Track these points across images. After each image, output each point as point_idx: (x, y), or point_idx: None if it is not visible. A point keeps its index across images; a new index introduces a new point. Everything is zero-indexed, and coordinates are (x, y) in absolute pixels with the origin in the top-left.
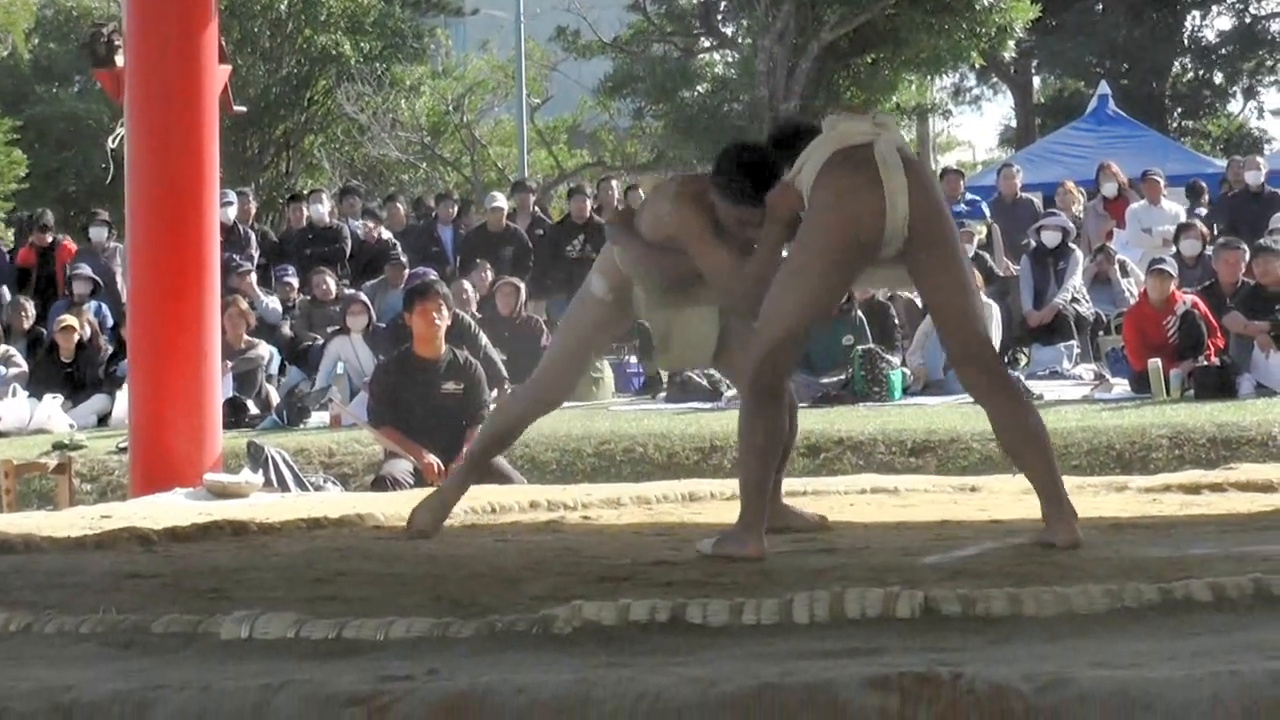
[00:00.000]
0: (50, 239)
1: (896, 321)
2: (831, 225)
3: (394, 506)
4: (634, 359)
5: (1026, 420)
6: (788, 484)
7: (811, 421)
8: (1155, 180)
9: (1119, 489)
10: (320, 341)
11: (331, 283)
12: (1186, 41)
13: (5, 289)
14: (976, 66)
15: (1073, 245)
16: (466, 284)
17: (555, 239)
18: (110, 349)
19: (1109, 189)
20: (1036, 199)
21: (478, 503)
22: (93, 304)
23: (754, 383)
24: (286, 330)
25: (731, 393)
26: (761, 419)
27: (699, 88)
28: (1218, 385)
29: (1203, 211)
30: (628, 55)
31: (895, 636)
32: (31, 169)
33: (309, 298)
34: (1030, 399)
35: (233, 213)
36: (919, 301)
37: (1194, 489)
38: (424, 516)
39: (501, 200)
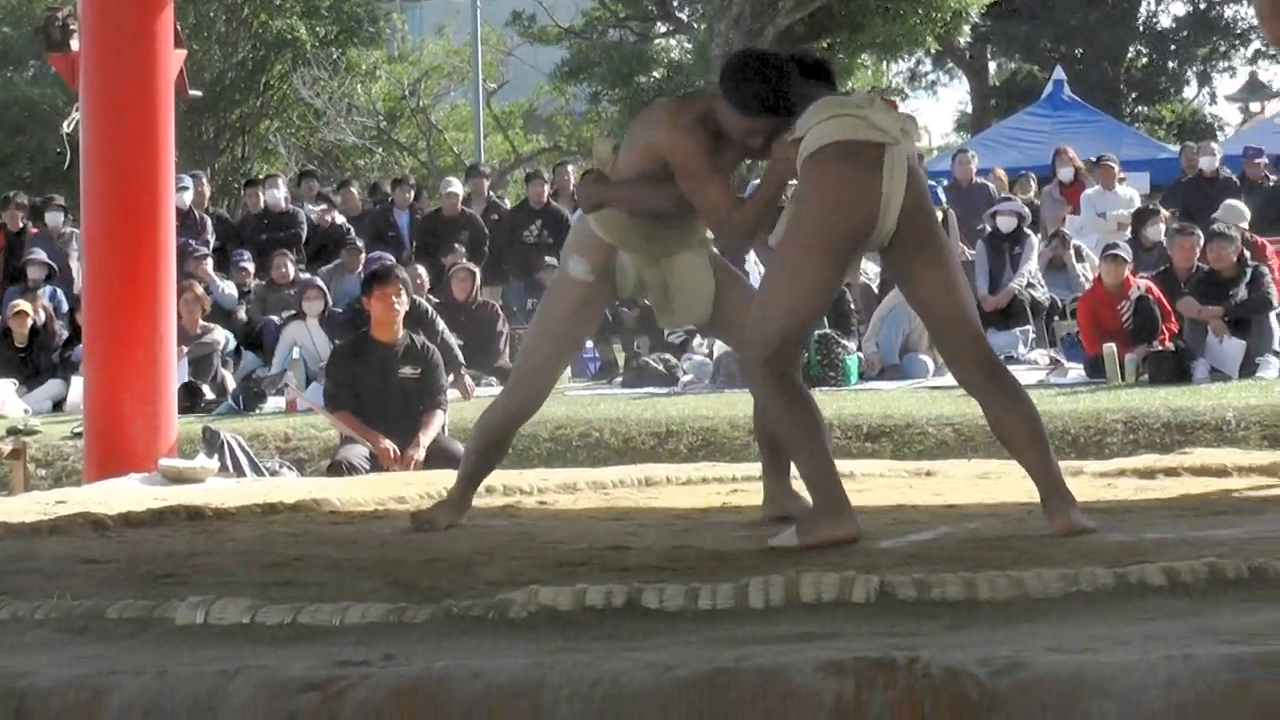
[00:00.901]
0: (21, 223)
1: (853, 307)
2: (831, 217)
3: (350, 492)
4: (589, 344)
5: (1020, 412)
6: (742, 469)
7: None
8: (1110, 165)
9: (1074, 474)
10: (276, 325)
11: (290, 266)
12: (1141, 27)
13: None
14: (932, 51)
15: (1028, 230)
16: (421, 269)
17: (511, 224)
18: (65, 334)
19: (1065, 174)
20: (992, 184)
21: (433, 488)
22: (48, 289)
23: (767, 379)
24: (242, 315)
25: (688, 378)
26: (793, 407)
27: (655, 73)
28: (1172, 370)
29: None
30: (584, 40)
31: (850, 621)
32: None
33: (264, 282)
34: (1023, 390)
35: (188, 197)
36: (875, 287)
37: (1149, 474)
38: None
39: (457, 185)
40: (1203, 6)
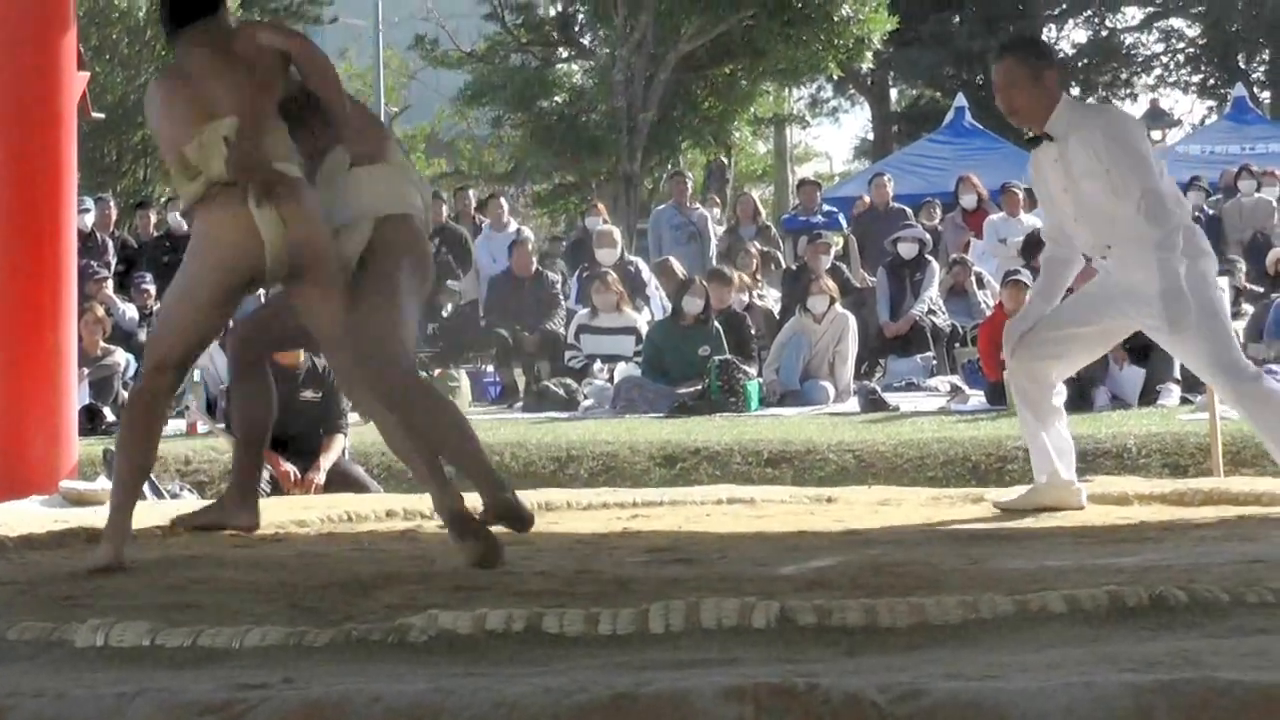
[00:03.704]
0: None
1: (753, 332)
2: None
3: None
4: (490, 368)
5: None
6: (643, 494)
7: (668, 431)
8: (1015, 193)
9: (975, 500)
10: None
11: None
12: None
13: None
14: (834, 78)
15: (929, 257)
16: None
17: None
18: None
19: (968, 201)
20: (908, 209)
21: (334, 511)
22: None
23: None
24: (143, 338)
25: (589, 403)
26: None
27: (557, 97)
28: (1073, 397)
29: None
30: (486, 65)
31: (751, 647)
32: None
33: None
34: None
35: (90, 220)
36: (775, 313)
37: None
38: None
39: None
40: (1104, 34)
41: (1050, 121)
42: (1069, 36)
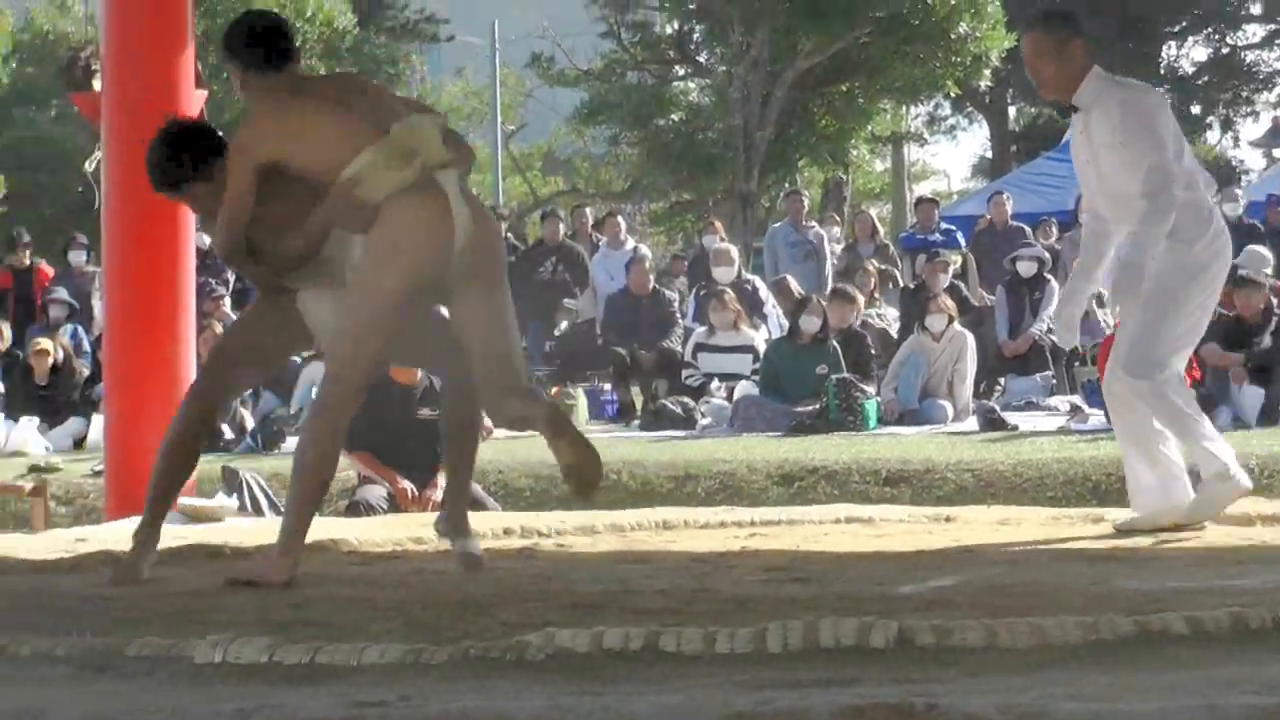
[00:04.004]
0: (28, 260)
1: (872, 351)
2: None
3: (368, 532)
4: (607, 386)
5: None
6: (760, 513)
7: (786, 450)
8: None
9: (1095, 520)
10: (296, 364)
11: None
12: (1163, 71)
13: None
14: (952, 95)
15: (1048, 276)
16: (443, 309)
17: (528, 262)
18: (87, 372)
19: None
20: (1027, 227)
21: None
22: (69, 327)
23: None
24: None
25: (706, 422)
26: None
27: (674, 115)
28: None
29: None
30: (602, 83)
31: (869, 667)
32: (8, 192)
33: None
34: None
35: (208, 238)
36: (893, 331)
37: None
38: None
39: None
40: (1225, 51)
41: (1078, 93)
42: (1189, 54)
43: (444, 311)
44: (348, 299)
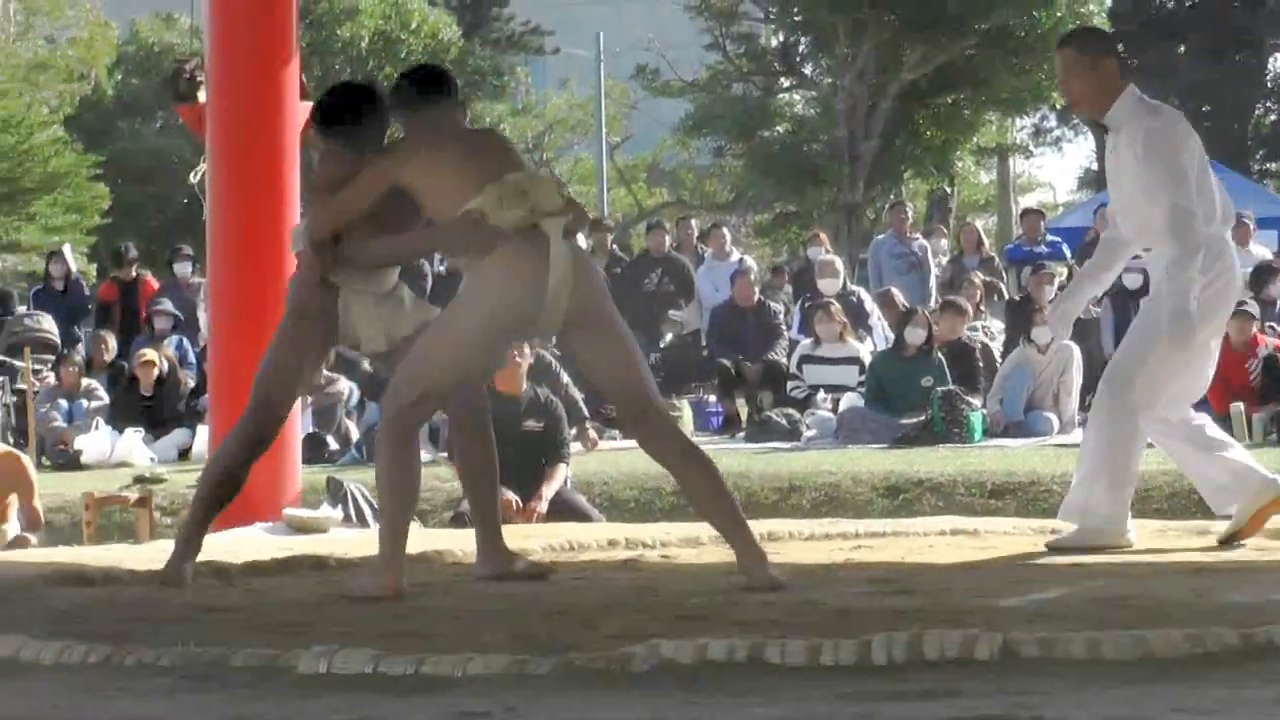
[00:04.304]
0: (134, 273)
1: (979, 364)
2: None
3: (472, 543)
4: (713, 398)
5: (706, 476)
6: (865, 524)
7: (891, 462)
8: (1246, 223)
9: (1200, 533)
10: None
11: None
12: (1269, 83)
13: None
14: (1057, 107)
15: None
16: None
17: (632, 274)
18: (192, 383)
19: None
20: None
21: (556, 540)
22: (174, 338)
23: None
24: (366, 366)
25: (812, 433)
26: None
27: (779, 127)
28: None
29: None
30: (707, 94)
31: (974, 679)
32: (114, 203)
33: None
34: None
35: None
36: (998, 345)
37: (1277, 534)
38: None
39: (580, 239)
40: None
41: (1110, 112)
42: None
43: None
44: (434, 326)
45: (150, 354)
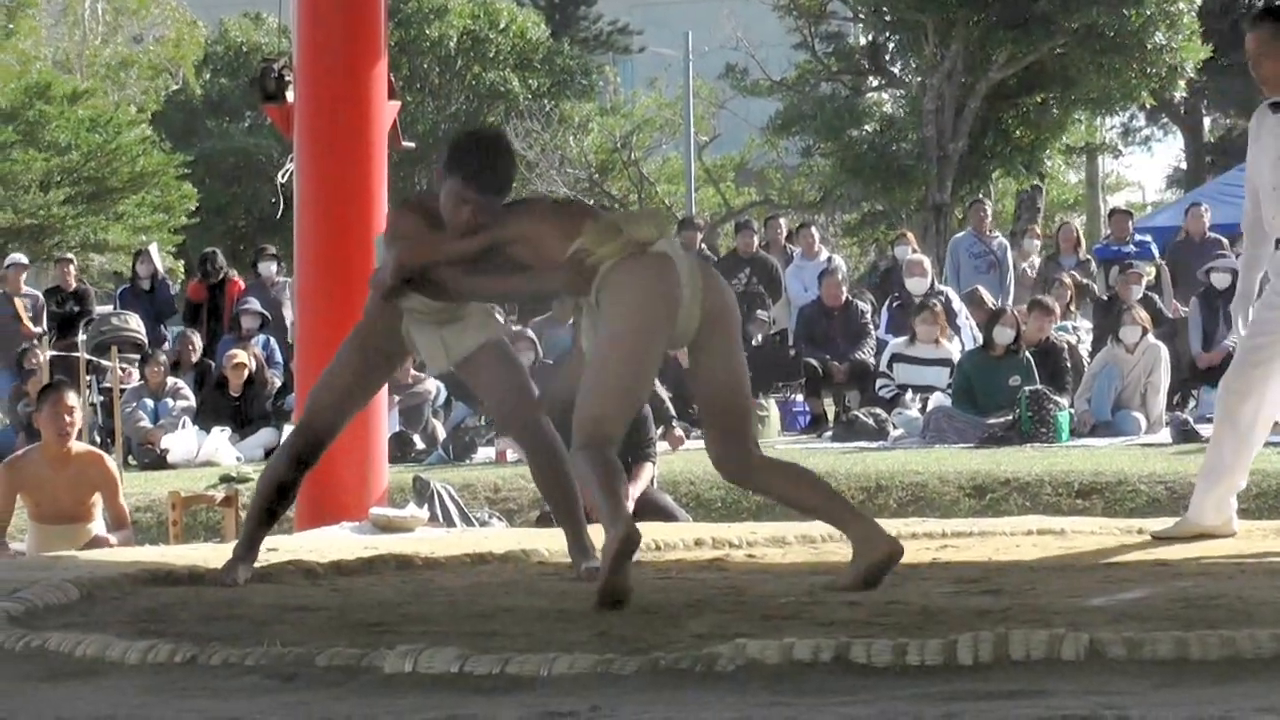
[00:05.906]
0: (221, 275)
1: (1066, 364)
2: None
3: (558, 543)
4: (799, 398)
5: (813, 484)
6: (952, 524)
7: (978, 462)
8: None
9: None
10: None
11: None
12: None
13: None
14: (1146, 106)
15: None
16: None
17: (721, 273)
18: (278, 383)
19: None
20: (1224, 239)
21: (642, 540)
22: (261, 338)
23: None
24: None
25: (898, 433)
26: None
27: (867, 126)
28: None
29: None
30: (796, 94)
31: (1060, 679)
32: (201, 203)
33: None
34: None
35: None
36: (1086, 345)
37: None
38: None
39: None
40: None
41: None
42: None
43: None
44: (594, 358)
45: (241, 356)
